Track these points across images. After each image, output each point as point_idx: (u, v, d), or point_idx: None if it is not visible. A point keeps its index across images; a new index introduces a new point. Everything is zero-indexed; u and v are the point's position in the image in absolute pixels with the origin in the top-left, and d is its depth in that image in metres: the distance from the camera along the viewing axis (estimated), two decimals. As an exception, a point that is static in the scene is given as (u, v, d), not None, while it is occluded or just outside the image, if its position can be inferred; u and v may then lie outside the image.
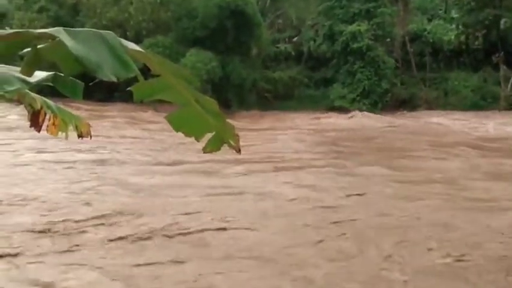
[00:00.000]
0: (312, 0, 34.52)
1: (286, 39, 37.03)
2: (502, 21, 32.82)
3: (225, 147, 2.25)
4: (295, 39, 36.47)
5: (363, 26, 30.39)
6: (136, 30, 31.03)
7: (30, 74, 1.44)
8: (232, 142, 2.23)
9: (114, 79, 1.38)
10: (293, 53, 35.13)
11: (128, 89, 1.86)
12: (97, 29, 1.59)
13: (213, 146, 2.23)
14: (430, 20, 36.55)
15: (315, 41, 34.00)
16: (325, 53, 32.81)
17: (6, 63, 1.79)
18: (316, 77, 33.29)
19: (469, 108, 29.26)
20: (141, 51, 1.62)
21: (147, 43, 27.66)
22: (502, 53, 31.64)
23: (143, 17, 31.23)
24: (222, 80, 27.99)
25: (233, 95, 29.07)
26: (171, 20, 30.70)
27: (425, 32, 34.16)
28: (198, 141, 2.22)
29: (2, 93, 1.72)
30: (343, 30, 30.78)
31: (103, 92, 26.02)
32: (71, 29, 1.36)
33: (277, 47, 35.23)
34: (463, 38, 35.45)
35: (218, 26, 29.59)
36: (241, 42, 30.79)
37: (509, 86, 30.35)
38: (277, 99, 31.56)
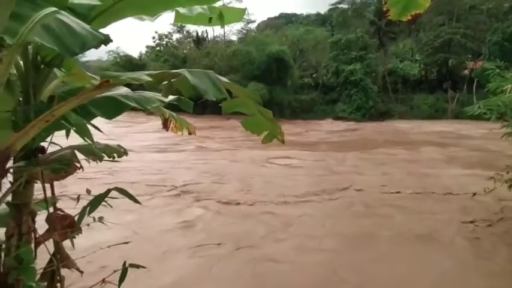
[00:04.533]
0: (325, 50, 33.81)
1: (309, 75, 36.37)
2: (450, 61, 31.21)
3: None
4: (314, 75, 35.75)
5: (357, 66, 29.68)
6: (219, 71, 31.39)
7: (166, 97, 1.49)
8: (279, 137, 2.23)
9: (214, 99, 1.41)
10: (313, 84, 34.47)
11: (220, 105, 1.90)
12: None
13: (267, 139, 2.25)
14: (401, 61, 34.92)
15: (326, 76, 33.32)
16: (332, 83, 32.11)
17: (151, 91, 1.86)
18: (327, 98, 32.55)
19: (426, 118, 27.91)
20: (228, 82, 1.64)
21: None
22: (450, 81, 30.15)
23: (223, 63, 31.65)
24: (269, 101, 27.88)
25: (275, 110, 28.70)
26: (239, 65, 30.85)
27: (398, 69, 32.89)
28: (258, 136, 2.24)
29: (149, 107, 1.78)
30: (344, 69, 30.16)
31: (199, 108, 26.49)
32: (190, 69, 1.39)
33: (303, 80, 34.66)
34: (423, 72, 33.84)
35: (267, 68, 29.52)
36: (281, 78, 30.54)
37: (454, 103, 28.75)
38: (303, 112, 31.17)
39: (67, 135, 1.57)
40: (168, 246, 4.40)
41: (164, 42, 37.95)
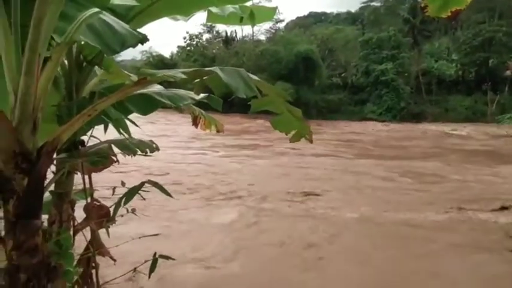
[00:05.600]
0: (355, 49, 33.01)
1: (337, 75, 35.70)
2: (490, 61, 29.36)
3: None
4: (343, 74, 35.06)
5: (389, 66, 28.74)
6: (247, 70, 31.37)
7: (198, 94, 1.53)
8: (307, 136, 2.22)
9: (245, 96, 1.42)
10: (341, 84, 33.81)
11: (249, 103, 1.91)
12: (224, 71, 1.63)
13: (296, 138, 2.23)
14: (436, 61, 33.34)
15: (356, 76, 32.55)
16: (362, 83, 31.34)
17: (184, 89, 1.91)
18: (356, 99, 31.81)
19: (463, 121, 26.29)
20: (258, 80, 1.66)
21: (252, 78, 28.05)
22: (490, 82, 28.31)
23: (251, 62, 31.81)
24: (296, 100, 27.57)
25: (302, 110, 28.37)
26: (267, 64, 30.85)
27: (433, 68, 31.36)
28: (286, 135, 2.23)
29: (181, 105, 1.83)
30: (375, 68, 29.28)
31: (226, 106, 26.71)
32: (221, 67, 1.41)
33: (331, 80, 34.09)
34: (460, 72, 32.08)
35: (295, 67, 29.33)
36: (308, 77, 30.22)
37: (494, 105, 27.06)
38: (330, 112, 30.63)
39: (105, 129, 1.66)
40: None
41: (194, 42, 38.83)
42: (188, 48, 38.91)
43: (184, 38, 38.90)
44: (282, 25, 46.22)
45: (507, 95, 27.16)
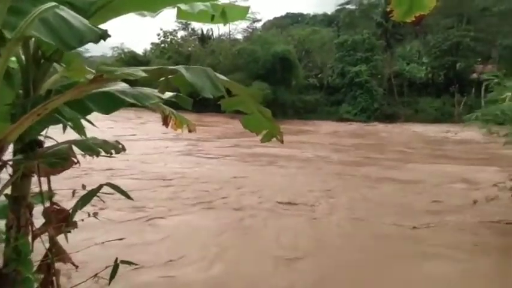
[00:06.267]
0: (331, 51, 33.77)
1: (314, 75, 36.31)
2: (458, 64, 31.01)
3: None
4: (319, 75, 35.71)
5: (363, 67, 29.66)
6: (223, 70, 31.45)
7: (163, 93, 1.50)
8: (278, 136, 2.24)
9: (211, 96, 1.41)
10: (318, 84, 34.44)
11: (218, 102, 1.90)
12: (199, 70, 1.61)
13: (267, 138, 2.24)
14: (408, 64, 34.77)
15: (331, 77, 33.26)
16: (337, 84, 32.08)
17: (149, 87, 1.87)
18: (332, 100, 32.52)
19: (432, 122, 27.69)
20: (227, 80, 1.65)
21: (229, 78, 27.91)
22: (457, 85, 29.95)
23: (227, 61, 31.67)
24: (273, 100, 27.82)
25: (279, 110, 28.72)
26: (244, 63, 30.82)
27: (405, 71, 32.75)
28: (257, 135, 2.24)
29: (147, 104, 1.79)
30: (350, 70, 30.12)
31: (200, 106, 26.43)
32: (187, 66, 1.39)
33: (308, 80, 34.63)
34: (430, 75, 33.64)
35: (272, 67, 29.51)
36: (286, 77, 30.51)
37: (461, 106, 28.59)
38: (307, 112, 31.11)
39: (64, 129, 1.59)
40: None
41: (169, 39, 38.06)
42: (162, 45, 38.12)
43: (158, 35, 38.08)
44: (259, 25, 46.44)
45: (473, 97, 28.68)
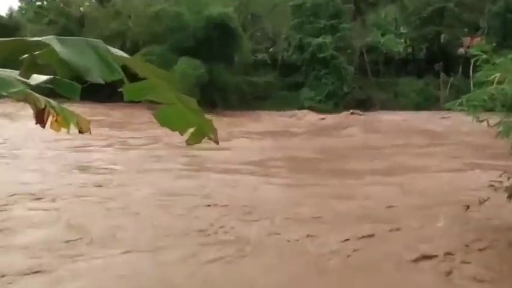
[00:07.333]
0: (285, 16, 34.52)
1: (264, 50, 36.94)
2: (442, 36, 33.50)
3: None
4: (271, 49, 36.47)
5: (327, 39, 30.69)
6: (135, 40, 30.50)
7: (28, 77, 1.38)
8: (211, 135, 2.20)
9: (101, 81, 1.32)
10: (269, 61, 35.13)
11: (119, 90, 1.80)
12: (99, 39, 1.52)
13: (195, 139, 2.19)
14: (383, 35, 37.07)
15: (287, 51, 34.01)
16: (296, 61, 32.83)
17: (10, 68, 1.71)
18: (289, 82, 33.24)
19: (413, 108, 29.71)
20: (128, 58, 1.57)
21: (143, 52, 27.17)
22: (442, 62, 32.30)
23: (140, 29, 30.73)
24: (209, 84, 27.72)
25: (218, 97, 28.79)
26: (165, 32, 30.15)
27: (379, 44, 34.67)
28: (181, 135, 2.18)
29: (6, 93, 1.63)
30: (310, 42, 31.01)
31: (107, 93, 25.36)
32: (63, 37, 1.29)
33: (256, 56, 35.14)
34: (410, 49, 36.10)
35: (205, 37, 29.32)
36: (225, 52, 30.55)
37: (447, 89, 30.94)
38: (257, 99, 31.42)
39: None
40: None
41: (50, -5, 35.78)
42: (39, 3, 35.66)
43: (32, -13, 35.66)
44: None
45: (461, 77, 31.09)
